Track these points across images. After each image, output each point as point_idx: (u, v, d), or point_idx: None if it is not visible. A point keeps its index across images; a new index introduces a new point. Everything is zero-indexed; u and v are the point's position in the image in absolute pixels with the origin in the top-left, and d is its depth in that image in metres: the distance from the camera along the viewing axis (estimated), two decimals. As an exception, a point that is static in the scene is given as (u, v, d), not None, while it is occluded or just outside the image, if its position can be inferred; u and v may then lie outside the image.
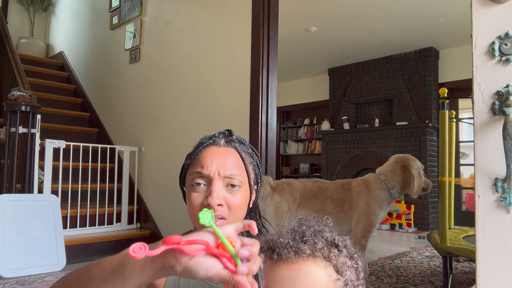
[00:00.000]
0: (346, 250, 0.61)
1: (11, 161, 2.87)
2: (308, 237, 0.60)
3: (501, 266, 0.76)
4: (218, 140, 0.85)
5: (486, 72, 0.79)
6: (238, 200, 0.81)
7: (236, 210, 0.81)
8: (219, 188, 0.79)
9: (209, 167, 0.80)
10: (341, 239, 0.62)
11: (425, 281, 2.65)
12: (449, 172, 2.35)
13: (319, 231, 0.61)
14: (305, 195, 2.19)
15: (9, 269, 2.52)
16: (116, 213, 3.45)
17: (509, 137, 0.72)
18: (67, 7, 5.55)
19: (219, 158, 0.81)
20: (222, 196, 0.79)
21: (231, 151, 0.84)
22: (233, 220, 0.81)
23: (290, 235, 0.61)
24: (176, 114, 3.36)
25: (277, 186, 2.19)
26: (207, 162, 0.80)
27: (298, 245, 0.59)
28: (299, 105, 7.54)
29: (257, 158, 0.90)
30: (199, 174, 0.80)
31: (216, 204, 0.77)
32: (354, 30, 4.99)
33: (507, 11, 0.78)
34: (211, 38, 3.07)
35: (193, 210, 0.80)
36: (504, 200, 0.75)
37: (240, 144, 0.87)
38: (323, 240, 0.60)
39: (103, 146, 3.65)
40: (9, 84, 3.62)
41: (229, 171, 0.80)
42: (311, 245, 0.59)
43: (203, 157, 0.82)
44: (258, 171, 0.89)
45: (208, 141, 0.85)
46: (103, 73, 4.50)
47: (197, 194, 0.80)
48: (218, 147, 0.83)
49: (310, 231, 0.61)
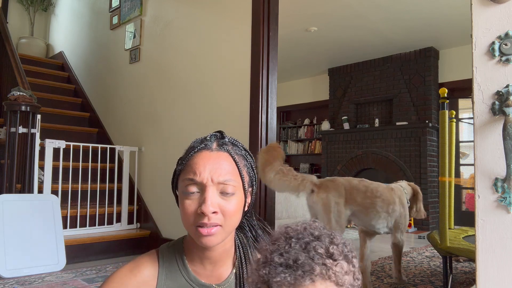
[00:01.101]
0: (342, 255, 0.59)
1: (11, 161, 2.87)
2: (303, 261, 0.57)
3: (501, 266, 0.76)
4: (210, 144, 0.82)
5: (486, 72, 0.79)
6: (232, 206, 0.79)
7: (231, 217, 0.79)
8: (213, 195, 0.77)
9: (202, 174, 0.77)
10: (335, 246, 0.60)
11: (425, 281, 2.65)
12: (449, 172, 2.35)
13: (313, 247, 0.59)
14: (351, 191, 2.28)
15: (9, 269, 2.52)
16: (116, 213, 3.45)
17: (509, 137, 0.72)
18: (67, 7, 5.55)
19: (212, 164, 0.78)
20: (217, 203, 0.77)
21: (224, 155, 0.81)
22: (229, 226, 0.79)
23: (284, 261, 0.58)
24: (176, 114, 3.36)
25: (321, 184, 2.27)
26: (199, 168, 0.78)
27: (296, 280, 0.56)
28: (299, 105, 7.54)
29: (251, 159, 0.87)
30: (192, 180, 0.78)
31: (210, 212, 0.75)
32: (354, 30, 4.99)
33: (507, 11, 0.78)
34: (211, 38, 3.07)
35: (187, 218, 0.78)
36: (504, 200, 0.75)
37: (232, 146, 0.84)
38: (318, 256, 0.58)
39: (103, 146, 3.65)
40: (9, 84, 3.62)
41: (223, 177, 0.78)
42: (309, 272, 0.56)
43: (195, 162, 0.79)
44: (253, 172, 0.87)
45: (199, 145, 0.82)
46: (103, 73, 4.50)
47: (191, 201, 0.78)
48: (210, 152, 0.80)
49: (301, 250, 0.58)
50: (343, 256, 0.60)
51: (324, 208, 2.20)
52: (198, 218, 0.76)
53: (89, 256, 3.08)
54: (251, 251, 0.90)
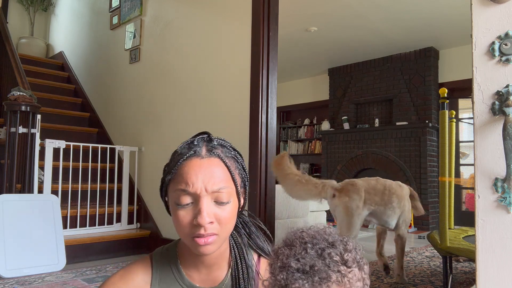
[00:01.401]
0: (355, 262, 0.61)
1: (11, 161, 2.87)
2: (319, 268, 0.58)
3: (501, 266, 0.76)
4: (199, 149, 0.78)
5: (486, 72, 0.79)
6: (228, 213, 0.77)
7: (227, 224, 0.77)
8: (208, 206, 0.74)
9: (195, 184, 0.74)
10: (349, 253, 0.61)
11: (425, 281, 2.65)
12: (449, 172, 2.35)
13: (328, 253, 0.60)
14: (369, 191, 2.43)
15: (9, 269, 2.52)
16: (116, 213, 3.45)
17: (509, 137, 0.72)
18: (67, 7, 5.55)
19: (204, 173, 0.75)
20: (212, 213, 0.74)
21: (215, 161, 0.77)
22: (225, 233, 0.78)
23: (301, 267, 0.59)
24: (176, 114, 3.37)
25: (342, 188, 2.42)
26: (192, 179, 0.74)
27: (313, 286, 0.58)
28: (299, 105, 7.54)
29: (241, 160, 0.84)
30: (185, 191, 0.74)
31: (206, 223, 0.73)
32: (354, 30, 4.99)
33: (507, 11, 0.78)
34: (211, 38, 3.07)
35: (182, 229, 0.76)
36: (504, 200, 0.76)
37: (222, 148, 0.81)
38: (334, 264, 0.59)
39: (103, 146, 3.65)
40: (9, 84, 3.62)
41: (217, 185, 0.75)
42: (325, 279, 0.58)
43: (186, 172, 0.75)
44: (244, 173, 0.84)
45: (188, 151, 0.78)
46: (103, 73, 4.50)
47: (185, 212, 0.75)
48: (200, 159, 0.76)
49: (317, 257, 0.60)
50: (356, 263, 0.61)
51: (345, 211, 2.35)
52: (194, 229, 0.74)
53: (89, 256, 3.08)
54: (246, 250, 0.88)
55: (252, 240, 0.91)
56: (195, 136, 0.83)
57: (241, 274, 0.84)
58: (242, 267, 0.85)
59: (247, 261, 0.86)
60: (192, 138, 0.82)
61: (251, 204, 2.52)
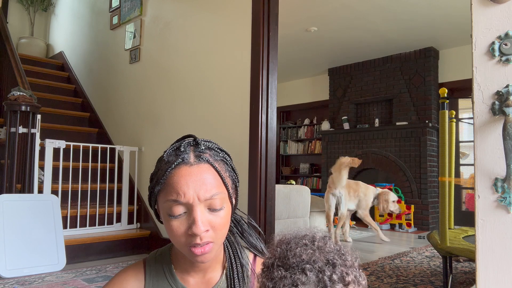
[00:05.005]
0: (356, 281, 0.60)
1: (11, 161, 2.87)
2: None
3: (501, 266, 0.76)
4: (187, 156, 0.75)
5: (486, 72, 0.79)
6: (222, 219, 0.75)
7: (222, 230, 0.76)
8: (202, 215, 0.72)
9: (187, 194, 0.71)
10: (349, 270, 0.60)
11: (425, 281, 2.65)
12: (449, 172, 2.36)
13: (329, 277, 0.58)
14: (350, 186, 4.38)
15: (9, 269, 2.52)
16: (116, 213, 3.45)
17: (509, 137, 0.72)
18: (67, 7, 5.55)
19: (195, 181, 0.72)
20: (207, 221, 0.73)
21: (204, 167, 0.74)
22: (220, 239, 0.77)
23: None
24: (176, 114, 3.36)
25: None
26: (183, 188, 0.72)
27: None
28: (299, 105, 7.54)
29: (230, 160, 0.82)
30: (176, 202, 0.72)
31: (202, 232, 0.71)
32: (354, 30, 4.99)
33: (507, 11, 0.78)
34: (211, 38, 3.07)
35: (177, 239, 0.74)
36: (504, 200, 0.76)
37: (210, 151, 0.78)
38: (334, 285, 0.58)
39: (103, 146, 3.65)
40: (9, 84, 3.62)
41: (209, 193, 0.73)
42: None
43: (176, 182, 0.72)
44: (234, 174, 0.82)
45: (176, 159, 0.75)
46: (103, 73, 4.50)
47: (178, 223, 0.73)
48: (190, 167, 0.73)
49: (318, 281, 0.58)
50: (356, 281, 0.60)
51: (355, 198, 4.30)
52: (189, 239, 0.73)
53: (89, 256, 3.08)
54: (240, 248, 0.88)
55: (245, 238, 0.91)
56: (180, 140, 0.80)
57: (236, 274, 0.84)
58: (236, 266, 0.84)
59: (241, 260, 0.86)
60: (178, 143, 0.79)
61: (251, 204, 2.52)
